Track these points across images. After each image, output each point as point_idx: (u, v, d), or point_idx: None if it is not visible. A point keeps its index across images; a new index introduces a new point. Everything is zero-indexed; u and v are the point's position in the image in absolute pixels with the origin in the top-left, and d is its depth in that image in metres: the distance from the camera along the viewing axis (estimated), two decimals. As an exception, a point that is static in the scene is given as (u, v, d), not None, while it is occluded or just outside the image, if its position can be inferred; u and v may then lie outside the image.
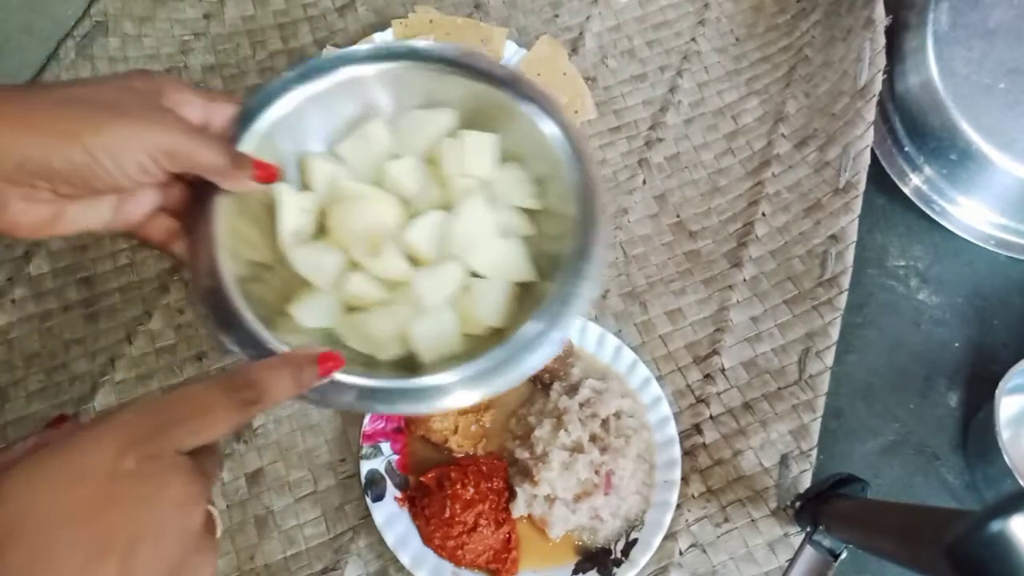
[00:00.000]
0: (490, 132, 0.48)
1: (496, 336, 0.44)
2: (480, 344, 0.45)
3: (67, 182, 0.36)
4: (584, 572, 0.53)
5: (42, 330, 0.61)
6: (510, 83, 0.47)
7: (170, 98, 0.40)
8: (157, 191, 0.42)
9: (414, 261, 0.47)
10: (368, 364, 0.44)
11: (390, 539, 0.53)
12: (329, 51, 0.70)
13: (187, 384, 0.35)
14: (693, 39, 0.77)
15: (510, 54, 0.73)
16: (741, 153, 0.72)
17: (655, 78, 0.76)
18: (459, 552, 0.52)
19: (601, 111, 0.73)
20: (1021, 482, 0.55)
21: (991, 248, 0.68)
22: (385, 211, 0.47)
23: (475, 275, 0.47)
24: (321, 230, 0.47)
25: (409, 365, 0.44)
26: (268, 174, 0.43)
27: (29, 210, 0.37)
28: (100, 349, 0.61)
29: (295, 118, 0.47)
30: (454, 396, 0.41)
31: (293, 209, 0.46)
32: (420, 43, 0.49)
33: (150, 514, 0.28)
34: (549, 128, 0.47)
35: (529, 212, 0.49)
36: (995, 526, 0.30)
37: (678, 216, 0.69)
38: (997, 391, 0.57)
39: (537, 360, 0.41)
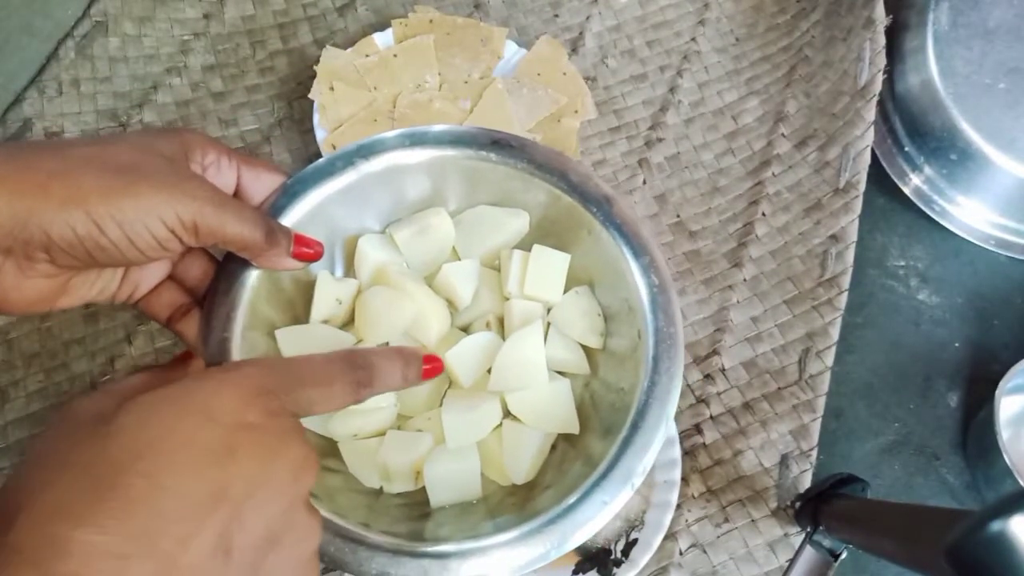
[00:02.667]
0: (564, 249, 0.43)
1: (518, 491, 0.39)
2: (499, 494, 0.39)
3: (68, 253, 0.31)
4: (584, 572, 0.53)
5: (42, 330, 0.61)
6: (601, 203, 0.41)
7: (199, 160, 0.36)
8: (167, 261, 0.38)
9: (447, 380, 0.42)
10: (370, 498, 0.39)
11: None
12: (329, 51, 0.70)
13: (310, 354, 0.32)
14: (693, 39, 0.77)
15: (510, 54, 0.73)
16: (741, 153, 0.72)
17: (655, 78, 0.76)
18: None
19: (601, 111, 0.73)
20: (1021, 482, 0.55)
21: (991, 248, 0.68)
22: (430, 316, 0.42)
23: (509, 415, 0.41)
24: (351, 319, 0.43)
25: (414, 503, 0.40)
26: (313, 252, 0.38)
27: (23, 285, 0.32)
28: (100, 349, 0.61)
29: (354, 193, 0.42)
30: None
31: (329, 298, 0.42)
32: (507, 136, 0.43)
33: (266, 471, 0.27)
34: (633, 264, 0.40)
35: (588, 350, 0.43)
36: (995, 526, 0.30)
37: (678, 216, 0.68)
38: (997, 391, 0.57)
39: (557, 552, 0.35)
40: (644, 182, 0.70)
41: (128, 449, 0.25)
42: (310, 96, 0.68)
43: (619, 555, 0.53)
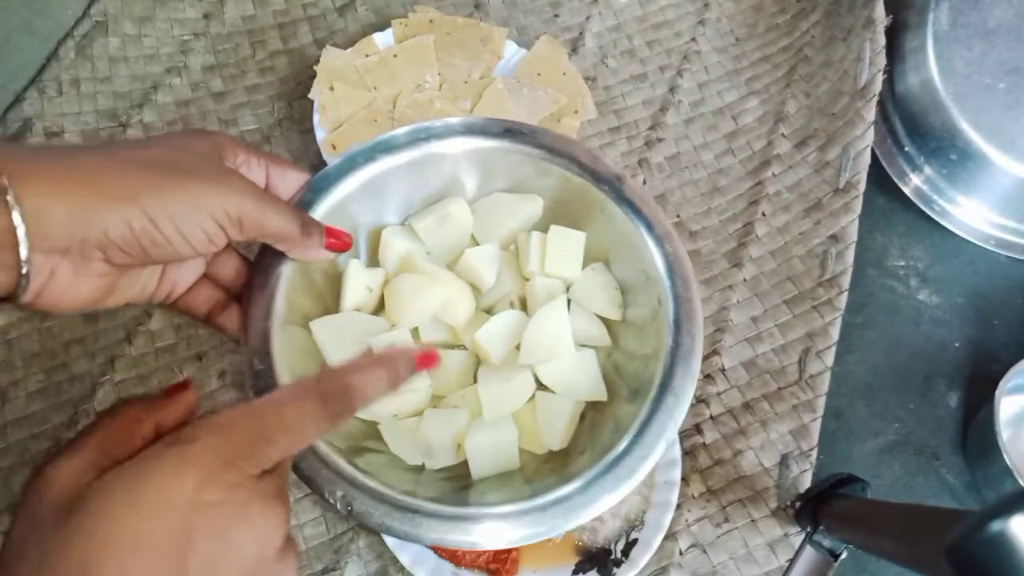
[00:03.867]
0: (578, 228, 0.45)
1: (553, 459, 0.41)
2: (534, 463, 0.41)
3: (123, 251, 0.32)
4: (584, 572, 0.53)
5: (42, 330, 0.61)
6: (612, 181, 0.44)
7: (233, 159, 0.37)
8: (203, 259, 0.39)
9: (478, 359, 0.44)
10: (414, 474, 0.41)
11: (390, 539, 0.53)
12: (329, 51, 0.70)
13: (279, 391, 0.32)
14: (693, 39, 0.77)
15: (510, 54, 0.73)
16: (741, 153, 0.72)
17: (655, 78, 0.76)
18: (459, 552, 0.52)
19: (601, 111, 0.73)
20: (1021, 482, 0.55)
21: (991, 248, 0.68)
22: (457, 299, 0.44)
23: (542, 387, 0.43)
24: (382, 307, 0.45)
25: (455, 476, 0.42)
26: (342, 243, 0.40)
27: (77, 284, 0.33)
28: (100, 349, 0.61)
29: (374, 187, 0.44)
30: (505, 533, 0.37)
31: (360, 287, 0.44)
32: (517, 124, 0.45)
33: (226, 549, 0.28)
34: (647, 236, 0.43)
35: (608, 322, 0.45)
36: (995, 526, 0.30)
37: (678, 216, 0.69)
38: (997, 391, 0.57)
39: (592, 512, 0.37)
40: (644, 182, 0.70)
41: (92, 551, 0.26)
42: (310, 96, 0.68)
43: (619, 555, 0.53)
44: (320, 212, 0.42)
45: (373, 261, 0.47)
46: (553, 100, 0.70)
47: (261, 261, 0.41)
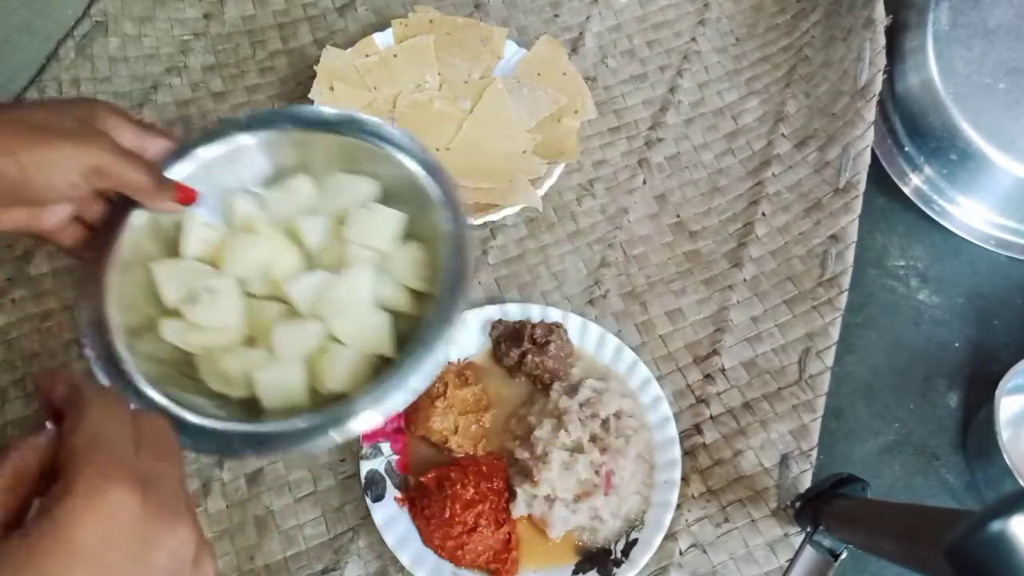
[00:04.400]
0: (402, 212, 0.52)
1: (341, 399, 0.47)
2: (324, 403, 0.47)
3: (1, 194, 0.39)
4: (584, 572, 0.53)
5: (42, 330, 0.61)
6: (435, 171, 0.51)
7: (104, 123, 0.43)
8: (74, 203, 0.45)
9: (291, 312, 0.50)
10: (219, 401, 0.47)
11: (390, 539, 0.53)
12: (329, 51, 0.70)
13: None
14: (693, 39, 0.77)
15: (510, 54, 0.73)
16: (741, 153, 0.72)
17: (655, 78, 0.76)
18: (459, 552, 0.52)
19: (601, 111, 0.73)
20: (1021, 482, 0.55)
21: (991, 248, 0.68)
22: (283, 257, 0.51)
23: (339, 341, 0.49)
24: (219, 262, 0.51)
25: (256, 409, 0.47)
26: (187, 196, 0.47)
27: None
28: (100, 349, 0.61)
29: (234, 158, 0.52)
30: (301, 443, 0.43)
31: (198, 238, 0.50)
32: (364, 117, 0.52)
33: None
34: (446, 215, 0.50)
35: (418, 294, 0.51)
36: (995, 526, 0.30)
37: (678, 216, 0.69)
38: (997, 391, 0.57)
39: (353, 429, 0.43)
40: (644, 182, 0.70)
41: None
42: (310, 96, 0.68)
43: (619, 555, 0.53)
44: (183, 172, 0.49)
45: (228, 221, 0.53)
46: (553, 100, 0.70)
47: (116, 208, 0.47)
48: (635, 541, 0.54)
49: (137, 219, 0.47)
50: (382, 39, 0.72)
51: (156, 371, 0.46)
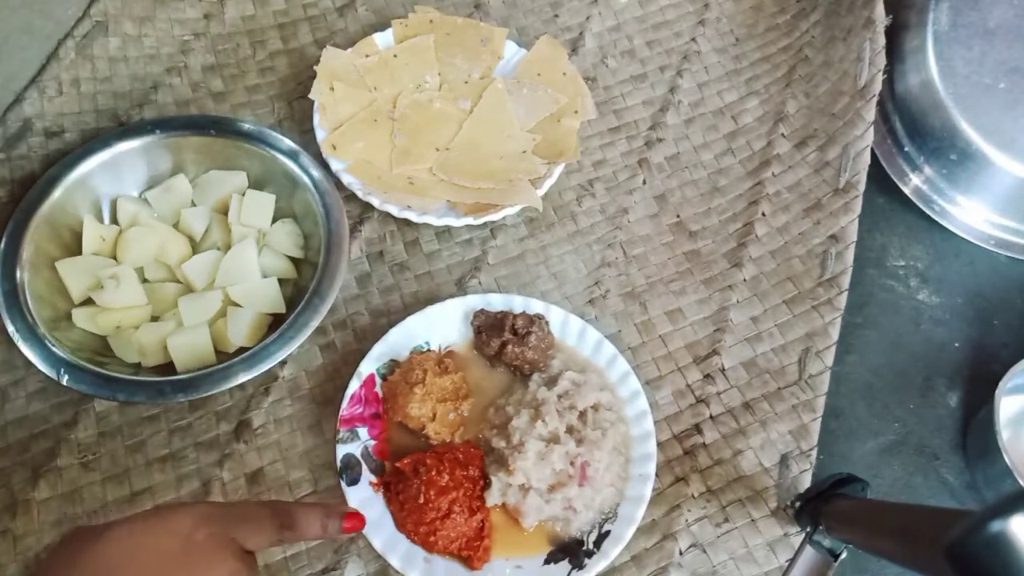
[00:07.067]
0: (270, 193, 0.63)
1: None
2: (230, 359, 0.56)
3: None
4: (556, 562, 0.53)
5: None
6: (295, 156, 0.63)
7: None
8: None
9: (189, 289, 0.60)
10: (136, 370, 0.57)
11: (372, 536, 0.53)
12: (329, 51, 0.70)
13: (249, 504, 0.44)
14: (693, 39, 0.77)
15: (510, 54, 0.73)
16: (741, 153, 0.72)
17: (655, 78, 0.76)
18: (432, 538, 0.52)
19: (601, 111, 0.73)
20: (1021, 482, 0.55)
21: (991, 248, 0.68)
22: (172, 245, 0.61)
23: (236, 305, 0.59)
24: (115, 254, 0.61)
25: (165, 374, 0.56)
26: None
27: None
28: (100, 349, 0.61)
29: (113, 166, 0.62)
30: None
31: (95, 236, 0.60)
32: (221, 118, 0.65)
33: (211, 571, 0.37)
34: (316, 195, 0.62)
35: (295, 260, 0.63)
36: (995, 526, 0.30)
37: (678, 216, 0.69)
38: (997, 391, 0.57)
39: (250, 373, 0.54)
40: (644, 182, 0.70)
41: (111, 561, 0.36)
42: (310, 96, 0.68)
43: (591, 546, 0.53)
44: (66, 184, 0.60)
45: (114, 221, 0.63)
46: (553, 100, 0.70)
47: (17, 214, 0.57)
48: (607, 533, 0.53)
49: (34, 224, 0.58)
50: (382, 39, 0.72)
51: (77, 356, 0.55)
